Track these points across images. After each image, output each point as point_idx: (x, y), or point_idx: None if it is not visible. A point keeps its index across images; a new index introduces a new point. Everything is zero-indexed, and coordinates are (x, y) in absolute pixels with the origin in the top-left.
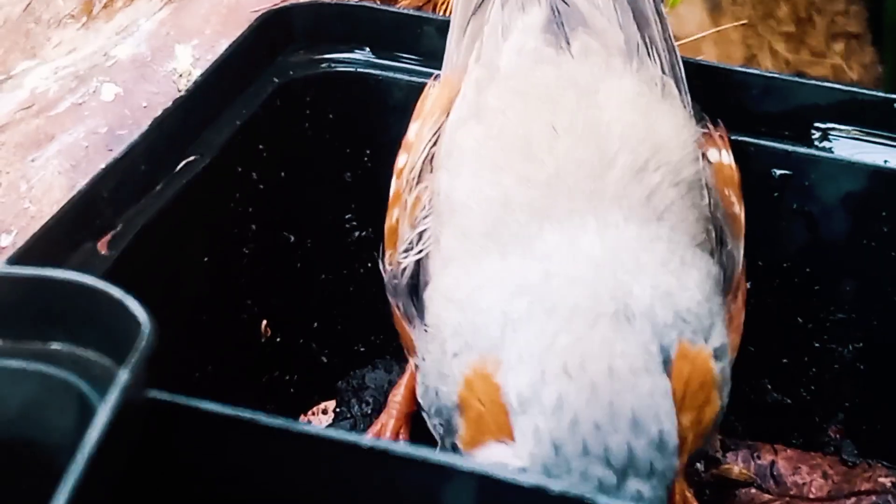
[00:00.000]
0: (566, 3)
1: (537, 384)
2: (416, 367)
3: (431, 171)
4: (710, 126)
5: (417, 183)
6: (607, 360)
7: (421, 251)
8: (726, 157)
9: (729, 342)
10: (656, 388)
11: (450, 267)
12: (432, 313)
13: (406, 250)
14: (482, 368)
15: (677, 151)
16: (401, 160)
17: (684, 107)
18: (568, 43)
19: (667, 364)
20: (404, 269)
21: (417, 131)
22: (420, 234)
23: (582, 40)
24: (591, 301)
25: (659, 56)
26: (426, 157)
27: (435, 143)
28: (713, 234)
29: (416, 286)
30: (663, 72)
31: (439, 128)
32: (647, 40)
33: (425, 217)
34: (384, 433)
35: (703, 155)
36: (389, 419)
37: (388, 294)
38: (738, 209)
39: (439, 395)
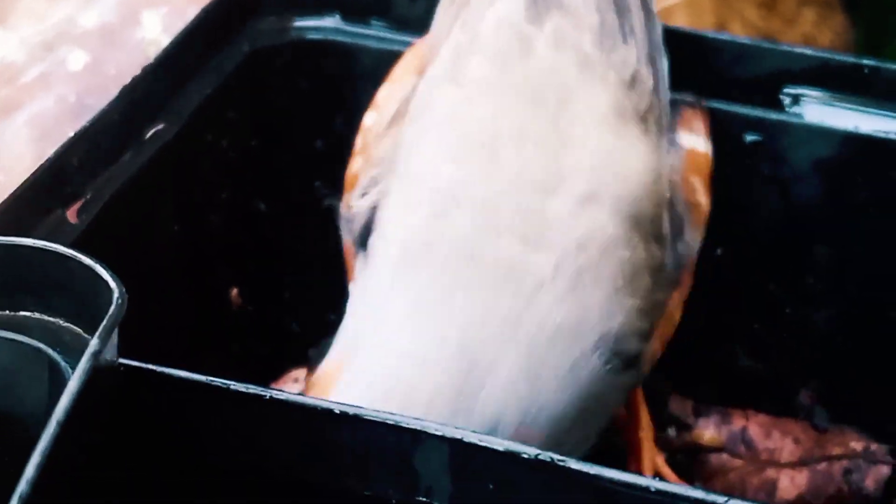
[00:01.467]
0: None
1: None
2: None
3: (398, 126)
4: (690, 107)
5: (385, 139)
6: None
7: (374, 201)
8: (702, 145)
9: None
10: None
11: (386, 228)
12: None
13: (362, 195)
14: None
15: (638, 182)
16: (368, 118)
17: (658, 119)
18: (542, 22)
19: None
20: (357, 213)
21: (387, 92)
22: (375, 181)
23: (555, 21)
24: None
25: (636, 44)
26: (394, 116)
27: (400, 105)
28: (666, 225)
29: (365, 237)
30: (638, 61)
31: (409, 90)
32: (626, 27)
33: (383, 166)
34: None
35: (675, 139)
36: None
37: (342, 232)
38: (703, 198)
39: None
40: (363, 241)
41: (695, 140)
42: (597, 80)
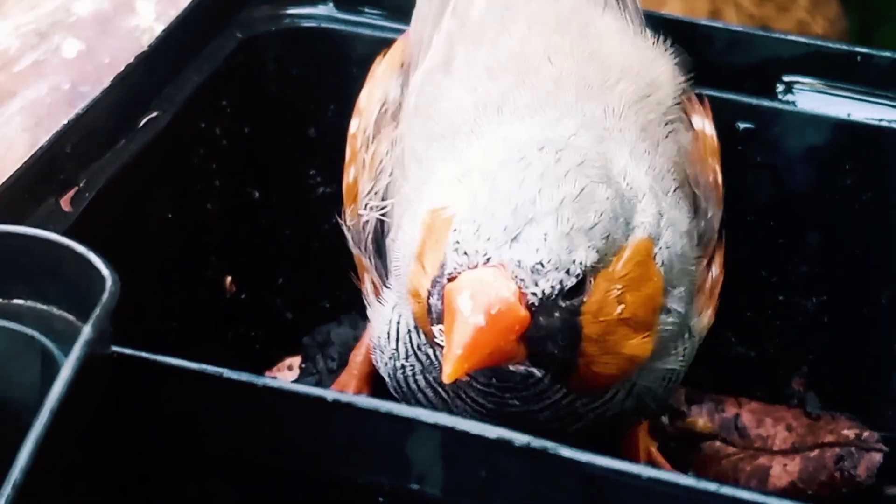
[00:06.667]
0: None
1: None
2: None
3: (389, 127)
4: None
5: (373, 140)
6: (582, 170)
7: (383, 207)
8: (709, 128)
9: (697, 304)
10: (615, 203)
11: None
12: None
13: (367, 205)
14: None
15: (670, 94)
16: (353, 125)
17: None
18: None
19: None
20: (366, 222)
21: (368, 95)
22: (382, 185)
23: None
24: (583, 160)
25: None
26: (378, 118)
27: (384, 105)
28: (690, 201)
29: (379, 243)
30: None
31: (391, 89)
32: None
33: (384, 169)
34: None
35: (689, 119)
36: (351, 379)
37: (352, 247)
38: (720, 179)
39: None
40: (376, 248)
41: (702, 122)
42: (599, 7)
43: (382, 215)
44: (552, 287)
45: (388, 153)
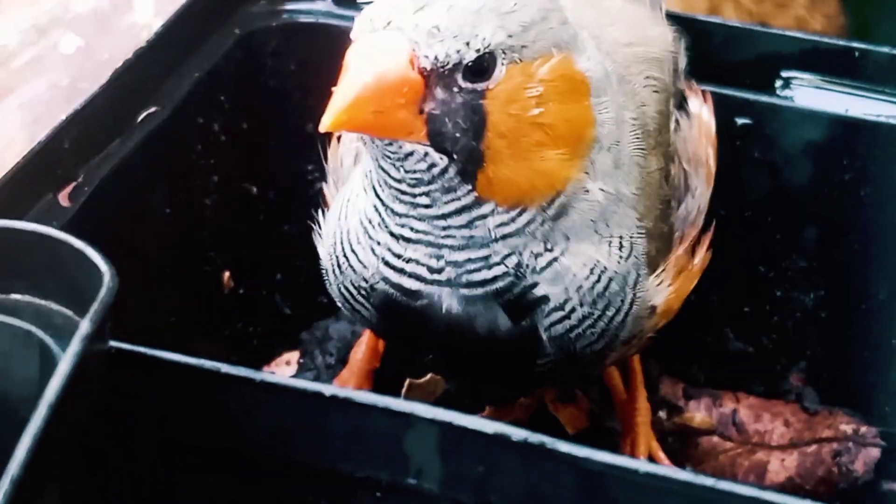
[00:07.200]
0: None
1: None
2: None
3: None
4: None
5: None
6: None
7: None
8: (706, 114)
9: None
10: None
11: None
12: None
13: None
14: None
15: (660, 57)
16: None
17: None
18: None
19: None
20: (344, 155)
21: None
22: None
23: None
24: None
25: None
26: None
27: None
28: (682, 179)
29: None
30: None
31: None
32: None
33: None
34: None
35: (685, 103)
36: (351, 376)
37: (329, 185)
38: (712, 163)
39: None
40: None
41: (700, 107)
42: None
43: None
44: (447, 54)
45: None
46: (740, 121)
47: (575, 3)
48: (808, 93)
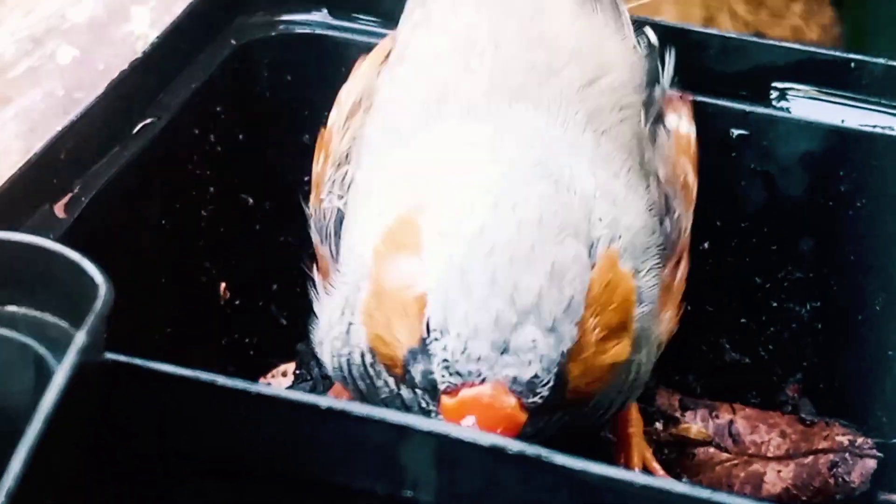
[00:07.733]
0: None
1: (462, 216)
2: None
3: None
4: (674, 90)
5: (343, 130)
6: (539, 211)
7: (342, 196)
8: (684, 126)
9: (657, 308)
10: (581, 256)
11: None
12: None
13: (329, 192)
14: (404, 217)
15: (625, 76)
16: (331, 117)
17: (628, 34)
18: None
19: (591, 256)
20: (327, 209)
21: (348, 89)
22: (341, 174)
23: None
24: (533, 167)
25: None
26: (350, 109)
27: (359, 98)
28: (662, 200)
29: (338, 230)
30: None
31: (368, 83)
32: None
33: (345, 160)
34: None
35: (662, 120)
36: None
37: (314, 235)
38: (692, 179)
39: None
40: (335, 238)
41: (678, 121)
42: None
43: (343, 203)
44: (549, 388)
45: (352, 144)
46: (736, 132)
47: (522, 47)
48: (803, 104)
